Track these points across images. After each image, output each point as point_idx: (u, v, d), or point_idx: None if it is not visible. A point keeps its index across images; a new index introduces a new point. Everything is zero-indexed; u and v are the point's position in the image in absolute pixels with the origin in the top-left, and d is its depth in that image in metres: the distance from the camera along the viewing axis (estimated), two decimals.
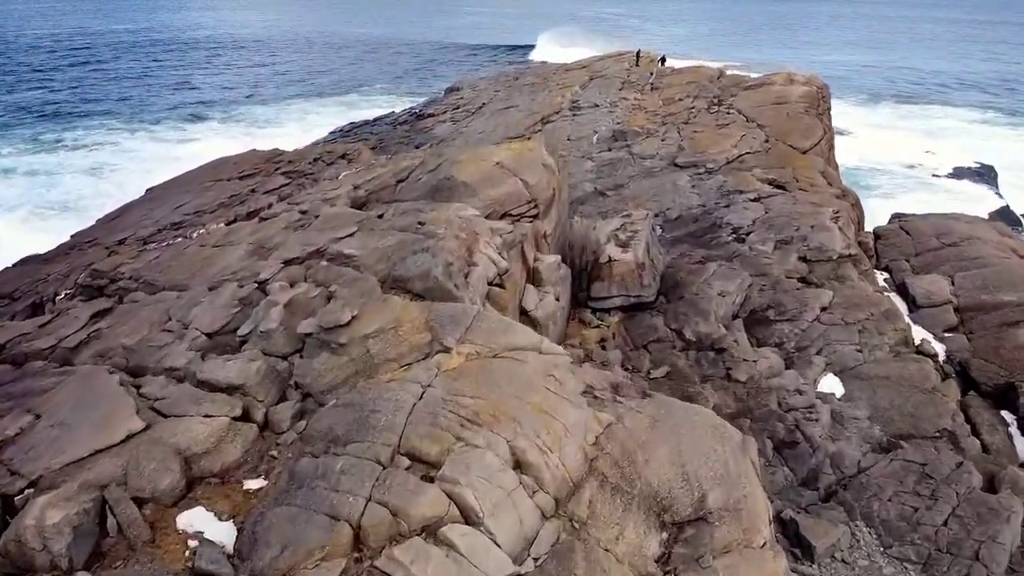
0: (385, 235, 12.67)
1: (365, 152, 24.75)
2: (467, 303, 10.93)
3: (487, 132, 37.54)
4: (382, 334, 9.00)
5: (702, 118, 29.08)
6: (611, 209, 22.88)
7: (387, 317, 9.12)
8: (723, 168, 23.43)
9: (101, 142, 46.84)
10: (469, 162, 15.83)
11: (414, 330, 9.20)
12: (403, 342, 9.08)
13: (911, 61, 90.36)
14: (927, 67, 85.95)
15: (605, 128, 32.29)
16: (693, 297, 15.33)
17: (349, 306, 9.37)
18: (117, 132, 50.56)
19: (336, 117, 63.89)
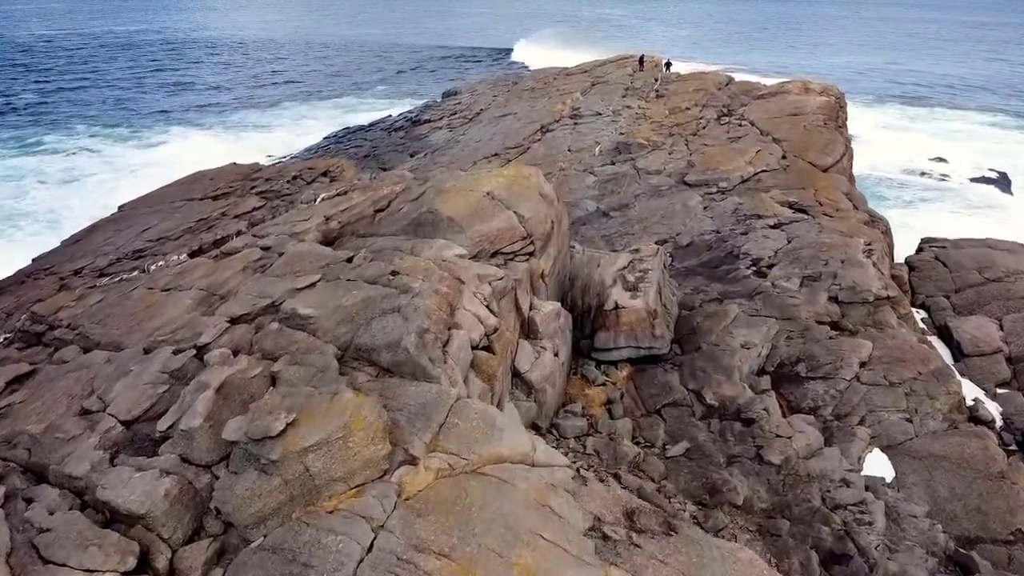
0: (351, 288, 10.48)
1: (348, 169, 22.56)
2: (444, 382, 8.77)
3: (484, 141, 35.36)
4: (326, 446, 6.83)
5: (712, 130, 26.86)
6: (615, 232, 20.71)
7: (333, 424, 6.95)
8: (737, 188, 21.23)
9: (83, 148, 44.66)
10: (455, 193, 13.64)
11: (369, 440, 7.03)
12: (354, 456, 6.91)
13: (917, 63, 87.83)
14: (933, 69, 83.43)
15: (608, 139, 30.07)
16: (713, 349, 13.15)
17: (286, 406, 7.18)
18: (101, 138, 48.38)
19: (331, 121, 61.70)
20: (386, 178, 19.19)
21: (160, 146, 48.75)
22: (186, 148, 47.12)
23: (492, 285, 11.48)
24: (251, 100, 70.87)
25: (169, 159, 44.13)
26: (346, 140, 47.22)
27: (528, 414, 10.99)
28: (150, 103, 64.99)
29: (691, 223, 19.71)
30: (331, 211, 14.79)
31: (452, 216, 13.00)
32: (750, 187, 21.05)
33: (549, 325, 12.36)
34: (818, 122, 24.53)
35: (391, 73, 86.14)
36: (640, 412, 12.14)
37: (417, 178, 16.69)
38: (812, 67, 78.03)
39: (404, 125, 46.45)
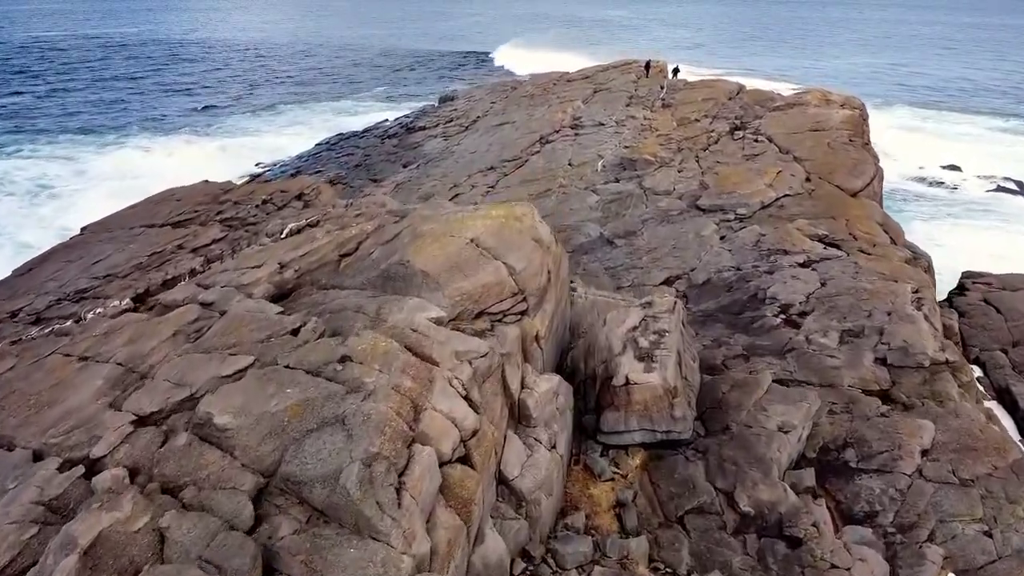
0: (287, 383, 8.00)
1: (325, 191, 20.08)
2: (396, 540, 6.30)
3: (479, 152, 32.88)
4: None
5: (725, 145, 24.34)
6: (621, 264, 18.22)
7: None
8: (757, 214, 18.72)
9: (62, 156, 42.15)
10: (433, 239, 11.15)
11: None
12: None
13: (923, 65, 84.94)
14: (940, 71, 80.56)
15: (611, 153, 27.55)
16: (743, 431, 10.67)
17: None
18: (81, 145, 45.89)
19: (325, 124, 59.25)
20: (363, 206, 16.73)
21: (144, 154, 46.28)
22: (171, 156, 44.72)
23: (473, 365, 9.02)
24: (245, 103, 68.40)
25: (152, 169, 41.69)
26: (338, 147, 44.81)
27: (517, 537, 8.53)
28: (139, 107, 62.54)
29: (707, 257, 17.20)
30: (288, 256, 12.28)
31: (427, 270, 10.52)
32: (772, 214, 18.54)
33: (545, 408, 9.90)
34: (843, 139, 21.99)
35: (388, 73, 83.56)
36: (658, 520, 9.66)
37: (394, 212, 14.20)
38: (816, 69, 75.41)
39: (398, 132, 44.03)
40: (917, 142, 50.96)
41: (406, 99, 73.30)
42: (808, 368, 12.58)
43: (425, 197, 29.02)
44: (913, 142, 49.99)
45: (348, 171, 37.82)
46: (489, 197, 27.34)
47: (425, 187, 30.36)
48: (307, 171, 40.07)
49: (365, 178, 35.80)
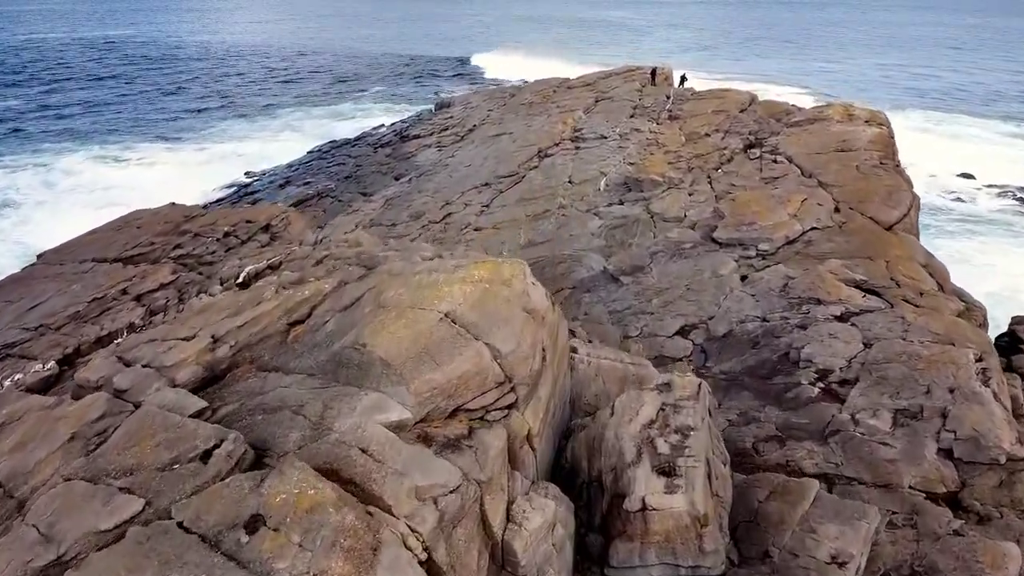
0: (171, 562, 5.62)
1: (296, 221, 17.69)
2: None
3: (475, 166, 30.47)
4: None
5: (740, 165, 21.90)
6: (628, 308, 15.81)
7: None
8: (782, 251, 16.30)
9: (37, 163, 39.78)
10: (398, 316, 8.75)
11: None
12: None
13: (931, 67, 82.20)
14: (951, 74, 77.81)
15: (615, 170, 25.14)
16: (788, 561, 8.31)
17: None
18: (62, 153, 43.50)
19: (319, 131, 56.99)
20: (332, 246, 14.38)
21: (123, 164, 44.03)
22: (152, 167, 42.51)
23: (440, 507, 6.66)
24: (239, 106, 66.11)
25: (129, 180, 39.54)
26: (330, 156, 42.50)
27: None
28: (128, 111, 60.19)
29: (727, 302, 14.79)
30: (225, 326, 9.89)
31: (389, 358, 8.13)
32: (799, 251, 16.11)
33: (539, 549, 7.52)
34: (872, 161, 19.53)
35: (386, 75, 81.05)
36: None
37: (363, 258, 11.80)
38: (823, 72, 72.74)
39: (392, 140, 41.68)
40: (928, 147, 48.38)
41: (402, 100, 71.03)
42: (858, 459, 10.20)
43: (416, 216, 26.67)
44: (924, 148, 47.30)
45: (338, 183, 35.49)
46: (483, 218, 24.97)
47: (416, 203, 27.99)
48: (296, 182, 37.79)
49: (355, 191, 33.46)
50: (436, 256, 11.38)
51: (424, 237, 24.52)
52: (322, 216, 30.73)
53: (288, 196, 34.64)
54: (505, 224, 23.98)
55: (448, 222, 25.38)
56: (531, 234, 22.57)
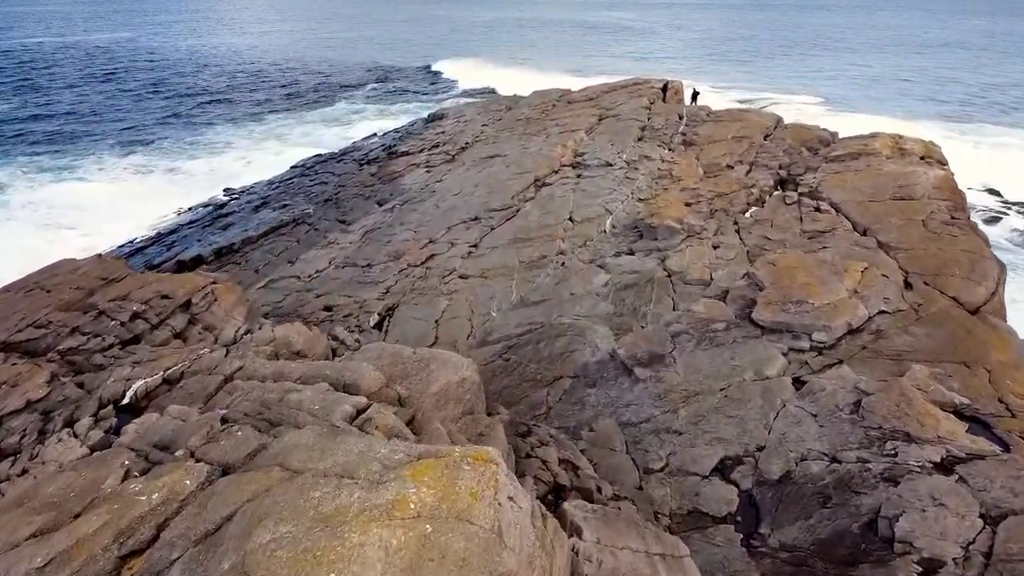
0: None
1: (227, 295, 13.62)
2: None
3: (464, 195, 26.44)
4: None
5: (774, 211, 17.87)
6: (646, 424, 11.85)
7: None
8: (844, 343, 12.30)
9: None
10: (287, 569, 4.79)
11: None
12: None
13: (946, 72, 77.64)
14: (966, 79, 73.20)
15: (622, 209, 21.15)
16: None
17: None
18: (31, 169, 39.50)
19: (307, 139, 53.08)
20: (249, 357, 10.46)
21: (87, 183, 40.09)
22: (116, 183, 38.66)
23: None
24: (226, 116, 61.85)
25: (88, 200, 35.67)
26: (313, 172, 38.44)
27: None
28: (110, 118, 56.06)
29: (780, 424, 10.82)
30: (23, 567, 5.96)
31: None
32: (868, 346, 12.12)
33: None
34: (941, 215, 15.50)
35: (377, 79, 76.61)
36: None
37: (268, 420, 7.81)
38: (835, 79, 68.36)
39: (379, 156, 37.63)
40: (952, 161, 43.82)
41: (394, 101, 66.93)
42: None
43: (395, 256, 22.68)
44: None
45: (317, 207, 31.46)
46: (471, 261, 21.00)
47: (397, 239, 24.01)
48: (273, 203, 33.79)
49: (333, 217, 29.44)
50: (365, 422, 7.37)
51: (402, 285, 20.59)
52: (295, 248, 26.83)
53: (261, 222, 30.67)
54: (495, 272, 20.03)
55: (430, 266, 21.42)
56: (525, 288, 18.61)
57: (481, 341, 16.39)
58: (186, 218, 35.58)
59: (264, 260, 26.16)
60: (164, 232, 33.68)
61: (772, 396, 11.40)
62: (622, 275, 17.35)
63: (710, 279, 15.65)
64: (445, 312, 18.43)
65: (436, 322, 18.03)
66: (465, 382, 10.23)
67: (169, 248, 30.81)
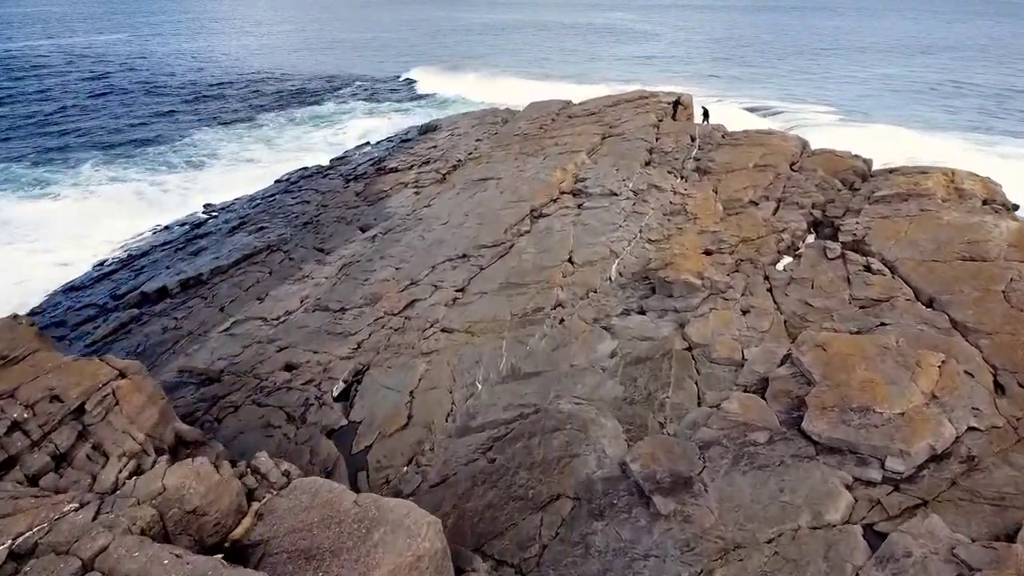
0: None
1: (129, 398, 10.44)
2: None
3: (452, 225, 23.30)
4: None
5: (814, 267, 14.70)
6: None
7: None
8: (927, 476, 9.19)
9: None
10: None
11: None
12: None
13: (961, 75, 73.50)
14: (980, 82, 69.13)
15: (631, 251, 18.03)
16: None
17: None
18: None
19: (296, 142, 50.13)
20: (124, 520, 7.34)
21: (61, 198, 37.14)
22: (86, 200, 35.61)
23: None
24: (211, 114, 58.66)
25: (50, 219, 32.65)
26: (297, 188, 35.28)
27: None
28: (82, 127, 52.93)
29: None
30: None
31: None
32: (958, 483, 8.99)
33: None
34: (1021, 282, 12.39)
35: (372, 81, 73.25)
36: None
37: None
38: (842, 86, 64.83)
39: (367, 172, 34.48)
40: None
41: (392, 99, 63.92)
42: None
43: (371, 299, 19.53)
44: None
45: (295, 231, 28.26)
46: (455, 311, 17.90)
47: (376, 277, 20.88)
48: (251, 224, 30.57)
49: (311, 245, 26.25)
50: None
51: (376, 339, 17.47)
52: (266, 281, 23.75)
53: (234, 248, 27.51)
54: (483, 326, 16.91)
55: (409, 315, 18.30)
56: (517, 352, 15.48)
57: (462, 428, 13.30)
58: (161, 238, 32.59)
59: (231, 295, 23.05)
60: (136, 254, 30.67)
61: (839, 557, 8.30)
62: (632, 342, 14.24)
63: (742, 358, 12.54)
64: (423, 380, 15.34)
65: (411, 394, 14.94)
66: (422, 561, 7.15)
67: (137, 274, 27.77)
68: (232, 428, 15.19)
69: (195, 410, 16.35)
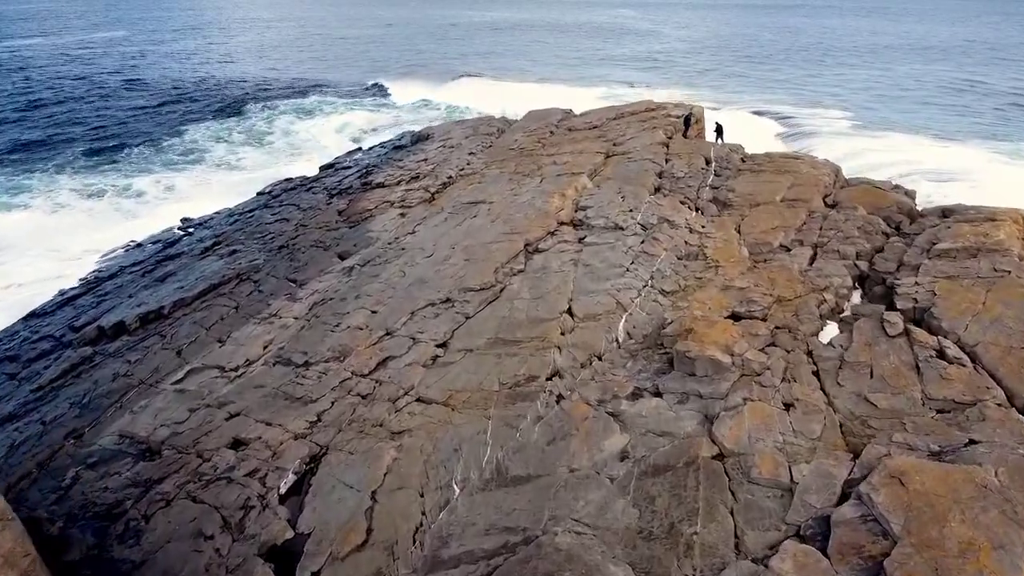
0: None
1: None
2: None
3: (436, 260, 20.16)
4: None
5: (872, 349, 11.55)
6: None
7: None
8: None
9: None
10: None
11: None
12: None
13: (969, 76, 69.82)
14: (994, 86, 65.31)
15: (640, 305, 14.93)
16: None
17: None
18: None
19: (285, 142, 47.07)
20: None
21: (29, 208, 34.32)
22: (71, 207, 33.10)
23: None
24: (199, 111, 55.42)
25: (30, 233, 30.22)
26: (278, 202, 32.17)
27: None
28: (64, 130, 49.77)
29: None
30: None
31: None
32: None
33: None
34: None
35: (368, 76, 69.77)
36: None
37: None
38: (854, 89, 61.30)
39: (352, 185, 31.41)
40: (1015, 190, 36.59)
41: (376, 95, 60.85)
42: None
43: (338, 354, 16.45)
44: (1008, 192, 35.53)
45: (269, 256, 25.12)
46: (434, 374, 14.84)
47: (347, 323, 17.77)
48: (224, 245, 27.45)
49: (284, 274, 23.12)
50: None
51: (339, 410, 14.41)
52: (231, 318, 20.77)
53: (201, 276, 24.42)
54: (466, 398, 13.85)
55: (380, 378, 15.21)
56: (504, 439, 12.40)
57: (432, 560, 10.24)
58: (132, 257, 29.63)
59: (192, 335, 20.02)
60: (104, 275, 27.78)
61: None
62: (647, 438, 11.18)
63: (790, 479, 9.48)
64: (389, 475, 12.28)
65: (373, 495, 11.87)
66: None
67: (100, 301, 24.86)
68: (160, 533, 12.20)
69: (124, 498, 13.47)
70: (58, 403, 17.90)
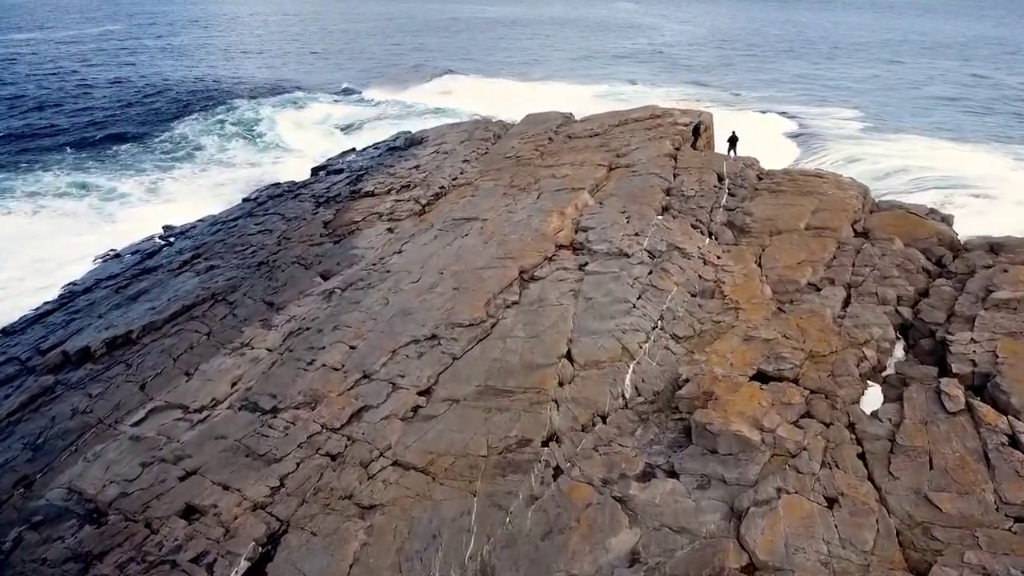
0: None
1: None
2: None
3: (422, 288, 18.05)
4: None
5: (929, 429, 9.51)
6: None
7: None
8: None
9: None
10: None
11: None
12: None
13: (980, 73, 66.82)
14: (1006, 84, 62.58)
15: (649, 352, 12.87)
16: None
17: None
18: None
19: (277, 131, 45.01)
20: None
21: (10, 213, 32.43)
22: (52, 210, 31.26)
23: None
24: (190, 108, 53.17)
25: None
26: (262, 211, 30.10)
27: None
28: (55, 126, 47.66)
29: None
30: None
31: None
32: None
33: None
34: None
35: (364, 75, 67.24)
36: None
37: None
38: (864, 87, 58.65)
39: (340, 193, 29.33)
40: None
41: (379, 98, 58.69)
42: None
43: (309, 400, 14.39)
44: None
45: (247, 273, 23.07)
46: (414, 431, 12.84)
47: (321, 360, 15.73)
48: (203, 259, 25.43)
49: (260, 296, 21.07)
50: None
51: (304, 474, 12.40)
52: (201, 346, 18.85)
53: (175, 296, 22.42)
54: (448, 464, 11.85)
55: (352, 434, 13.19)
56: (491, 525, 10.40)
57: None
58: (108, 269, 27.68)
59: (158, 366, 18.05)
60: (78, 289, 25.86)
61: None
62: (661, 535, 9.17)
63: None
64: (355, 566, 10.31)
65: None
66: None
67: (70, 320, 22.97)
68: None
69: None
70: (12, 442, 16.14)
